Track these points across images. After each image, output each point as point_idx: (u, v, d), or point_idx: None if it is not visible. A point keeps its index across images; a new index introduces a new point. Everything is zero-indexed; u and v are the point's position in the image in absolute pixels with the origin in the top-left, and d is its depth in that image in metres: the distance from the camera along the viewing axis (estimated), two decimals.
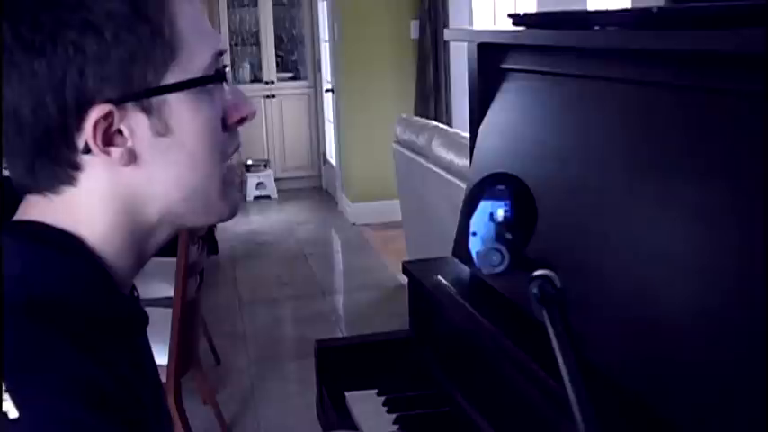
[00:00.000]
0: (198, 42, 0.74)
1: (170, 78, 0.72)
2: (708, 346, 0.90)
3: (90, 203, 0.73)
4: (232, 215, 0.81)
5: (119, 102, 0.70)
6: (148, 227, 0.77)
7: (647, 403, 0.96)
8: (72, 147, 0.71)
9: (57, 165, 0.71)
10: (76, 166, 0.72)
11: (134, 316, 0.79)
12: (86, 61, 0.68)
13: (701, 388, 0.90)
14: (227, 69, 0.78)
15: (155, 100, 0.71)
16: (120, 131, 0.71)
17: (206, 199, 0.77)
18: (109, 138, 0.71)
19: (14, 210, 0.76)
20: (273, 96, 7.02)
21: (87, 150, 0.71)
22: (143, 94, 0.71)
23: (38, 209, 0.74)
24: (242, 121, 0.79)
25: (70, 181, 0.72)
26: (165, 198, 0.75)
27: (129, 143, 0.72)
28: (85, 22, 0.68)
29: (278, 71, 7.09)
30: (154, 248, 0.79)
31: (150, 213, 0.76)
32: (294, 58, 7.38)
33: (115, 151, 0.71)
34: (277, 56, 7.09)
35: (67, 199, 0.73)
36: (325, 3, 6.29)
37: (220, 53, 0.76)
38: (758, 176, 0.86)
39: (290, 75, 7.22)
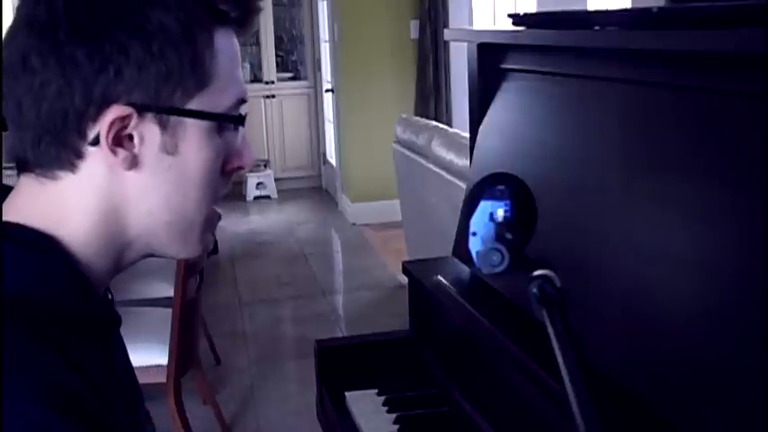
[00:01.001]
0: (229, 82, 0.77)
1: (194, 105, 0.74)
2: (708, 346, 0.90)
3: (79, 197, 0.74)
4: (200, 254, 0.83)
5: (141, 108, 0.72)
6: (125, 240, 0.77)
7: (648, 403, 0.96)
8: (82, 135, 0.72)
9: (62, 147, 0.72)
10: (80, 154, 0.73)
11: (107, 318, 0.80)
12: (127, 64, 0.70)
13: (701, 388, 0.90)
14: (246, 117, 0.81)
15: (173, 119, 0.73)
16: (131, 136, 0.73)
17: (188, 231, 0.79)
18: (119, 139, 0.72)
19: None
20: (273, 96, 7.03)
21: (95, 143, 0.72)
22: (165, 109, 0.73)
23: (27, 199, 0.75)
24: (238, 169, 0.81)
25: (70, 167, 0.73)
26: (151, 215, 0.76)
27: (137, 150, 0.73)
28: (138, 28, 0.70)
29: (278, 71, 7.09)
30: (126, 264, 0.80)
31: (131, 226, 0.76)
32: (294, 58, 7.38)
33: (121, 152, 0.72)
34: (277, 56, 7.10)
35: (60, 187, 0.74)
36: (325, 3, 6.29)
37: (243, 101, 0.79)
38: (758, 176, 0.86)
39: (290, 75, 7.22)
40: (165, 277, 2.93)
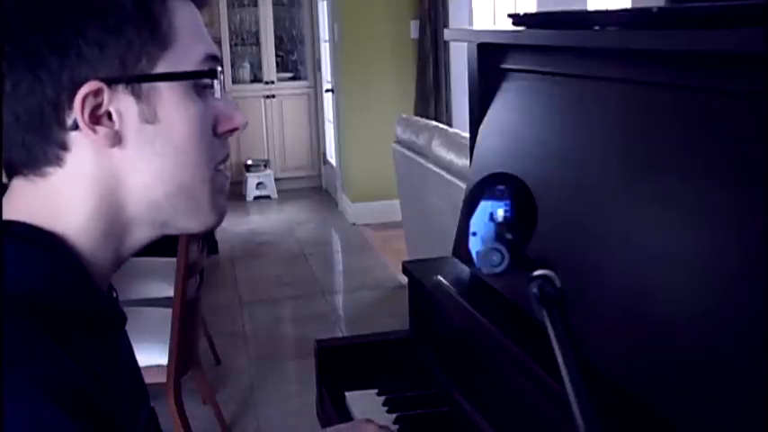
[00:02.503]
0: (192, 40, 0.77)
1: (162, 68, 0.74)
2: (708, 346, 0.90)
3: (73, 188, 0.74)
4: (218, 223, 0.82)
5: (110, 82, 0.72)
6: (128, 219, 0.77)
7: (647, 403, 0.96)
8: (62, 124, 0.72)
9: (46, 142, 0.73)
10: (64, 146, 0.73)
11: (112, 315, 0.79)
12: (86, 44, 0.71)
13: (701, 388, 0.90)
14: (222, 75, 0.80)
15: (145, 86, 0.74)
16: (109, 115, 0.73)
17: (193, 200, 0.78)
18: (97, 118, 0.72)
19: None
20: (273, 96, 7.02)
21: (75, 127, 0.72)
22: (134, 78, 0.73)
23: (21, 199, 0.75)
24: (232, 131, 0.81)
25: (57, 162, 0.73)
26: (147, 190, 0.76)
27: (117, 126, 0.73)
28: (90, 8, 0.71)
29: (278, 71, 7.09)
30: (132, 248, 0.79)
31: (129, 205, 0.76)
32: (294, 58, 7.38)
33: (101, 130, 0.72)
34: (277, 56, 7.09)
35: (51, 183, 0.74)
36: (325, 3, 6.29)
37: (214, 57, 0.79)
38: (758, 176, 0.86)
39: (290, 75, 7.22)
40: (165, 277, 2.93)
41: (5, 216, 0.75)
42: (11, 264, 0.70)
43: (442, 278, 1.49)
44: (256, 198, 6.85)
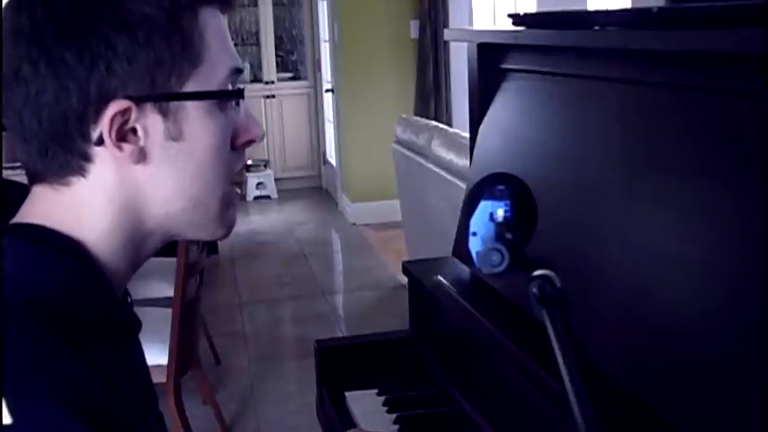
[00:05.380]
0: (220, 54, 0.76)
1: (190, 86, 0.74)
2: (708, 346, 0.90)
3: (94, 199, 0.74)
4: (227, 234, 0.83)
5: (139, 100, 0.71)
6: (146, 231, 0.77)
7: (648, 403, 0.96)
8: (86, 137, 0.72)
9: (69, 153, 0.72)
10: (87, 158, 0.73)
11: (128, 322, 0.80)
12: (116, 58, 0.70)
13: (701, 388, 0.90)
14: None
15: (173, 104, 0.73)
16: (134, 130, 0.72)
17: (206, 213, 0.79)
18: (123, 134, 0.72)
19: (14, 212, 0.76)
20: (273, 96, 7.02)
21: (100, 142, 0.72)
22: (163, 97, 0.72)
23: (42, 204, 0.75)
24: (249, 143, 0.81)
25: (80, 172, 0.73)
26: (166, 204, 0.76)
27: (142, 142, 0.73)
28: (122, 21, 0.70)
29: (278, 71, 7.09)
30: (146, 256, 0.80)
31: (149, 217, 0.76)
32: (294, 58, 7.38)
33: (127, 147, 0.72)
34: (277, 56, 7.09)
35: (73, 192, 0.74)
36: (325, 3, 6.29)
37: (238, 70, 0.78)
38: (758, 176, 0.86)
39: (290, 75, 7.22)
40: (165, 277, 2.93)
41: (27, 218, 0.74)
42: (30, 267, 0.70)
43: (441, 278, 1.49)
44: (256, 198, 6.85)
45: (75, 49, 0.69)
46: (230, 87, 0.77)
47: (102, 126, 0.71)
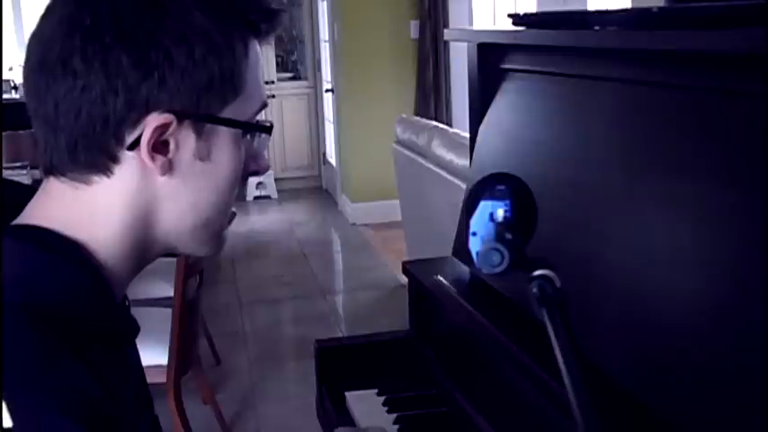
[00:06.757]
0: (256, 88, 0.78)
1: (227, 113, 0.75)
2: (708, 347, 0.90)
3: (111, 202, 0.74)
4: (218, 253, 0.87)
5: (182, 116, 0.72)
6: (152, 240, 0.78)
7: (648, 403, 0.96)
8: (120, 140, 0.72)
9: (98, 151, 0.72)
10: (116, 159, 0.73)
11: (126, 326, 0.80)
12: (171, 71, 0.70)
13: (701, 388, 0.90)
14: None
15: (209, 126, 0.74)
16: (166, 142, 0.73)
17: (211, 232, 0.80)
18: (158, 145, 0.72)
19: (16, 213, 0.76)
20: (273, 96, 7.02)
21: (132, 147, 0.72)
22: (204, 117, 0.73)
23: (55, 201, 0.74)
24: (254, 173, 0.83)
25: (105, 171, 0.73)
26: (179, 218, 0.77)
27: (171, 155, 0.73)
28: (182, 34, 0.70)
29: (278, 71, 7.09)
30: (147, 262, 0.81)
31: (159, 228, 0.77)
32: (294, 58, 7.38)
33: (159, 158, 0.73)
34: (277, 56, 7.09)
35: (92, 192, 0.73)
36: (325, 3, 6.29)
37: (265, 105, 0.81)
38: (758, 176, 0.86)
39: (290, 75, 7.22)
40: (165, 277, 2.93)
41: (38, 216, 0.74)
42: (32, 271, 0.70)
43: (442, 278, 1.49)
44: (256, 198, 6.85)
45: (134, 55, 0.69)
46: (255, 120, 0.79)
47: (144, 134, 0.71)
